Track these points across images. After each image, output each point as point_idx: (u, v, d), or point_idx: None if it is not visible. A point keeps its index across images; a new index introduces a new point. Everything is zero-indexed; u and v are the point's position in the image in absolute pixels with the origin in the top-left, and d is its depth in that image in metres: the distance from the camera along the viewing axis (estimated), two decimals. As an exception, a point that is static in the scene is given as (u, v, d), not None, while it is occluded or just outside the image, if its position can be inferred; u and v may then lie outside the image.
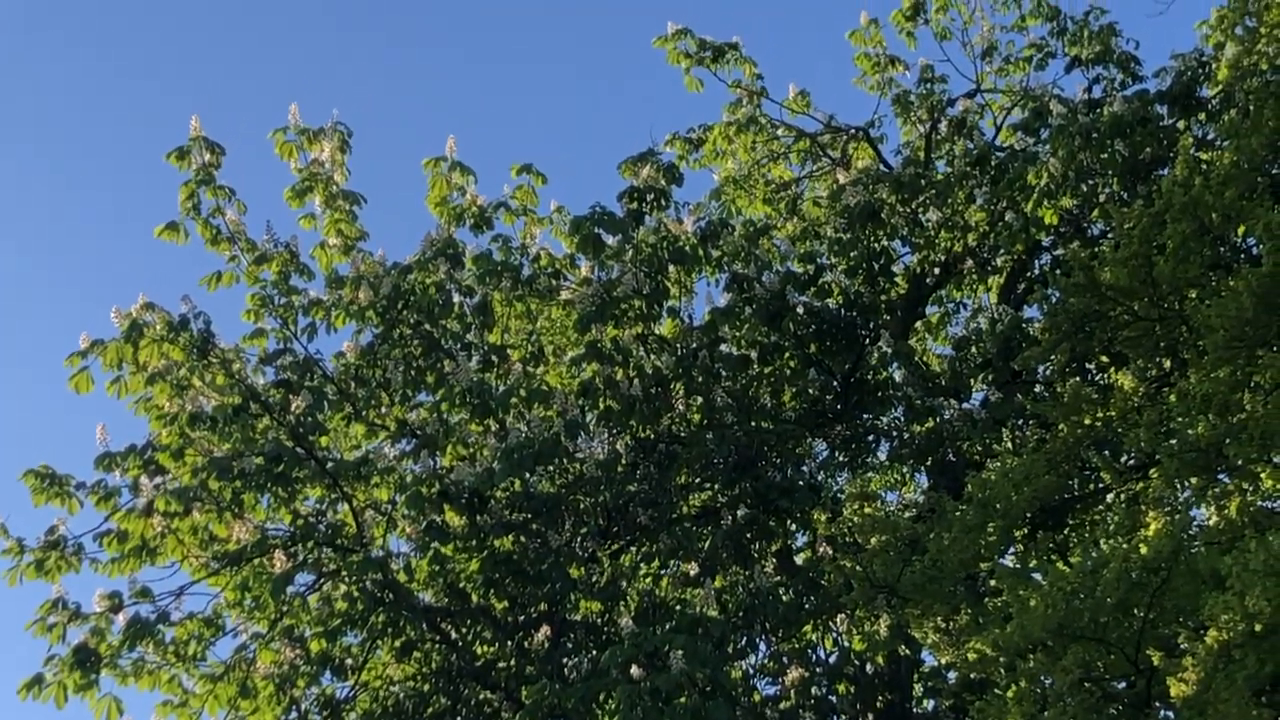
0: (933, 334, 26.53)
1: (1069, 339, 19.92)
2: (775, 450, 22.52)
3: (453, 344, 22.60)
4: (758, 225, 24.91)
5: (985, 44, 26.52)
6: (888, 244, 24.66)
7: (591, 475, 21.74)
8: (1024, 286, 25.16)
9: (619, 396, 21.92)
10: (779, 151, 27.40)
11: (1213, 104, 23.90)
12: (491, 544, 21.21)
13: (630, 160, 23.45)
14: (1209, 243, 19.30)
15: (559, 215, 24.02)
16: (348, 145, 23.07)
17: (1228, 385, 17.04)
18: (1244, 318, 17.00)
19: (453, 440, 21.82)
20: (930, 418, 22.78)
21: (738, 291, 23.24)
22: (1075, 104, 24.31)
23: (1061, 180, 23.18)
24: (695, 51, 25.82)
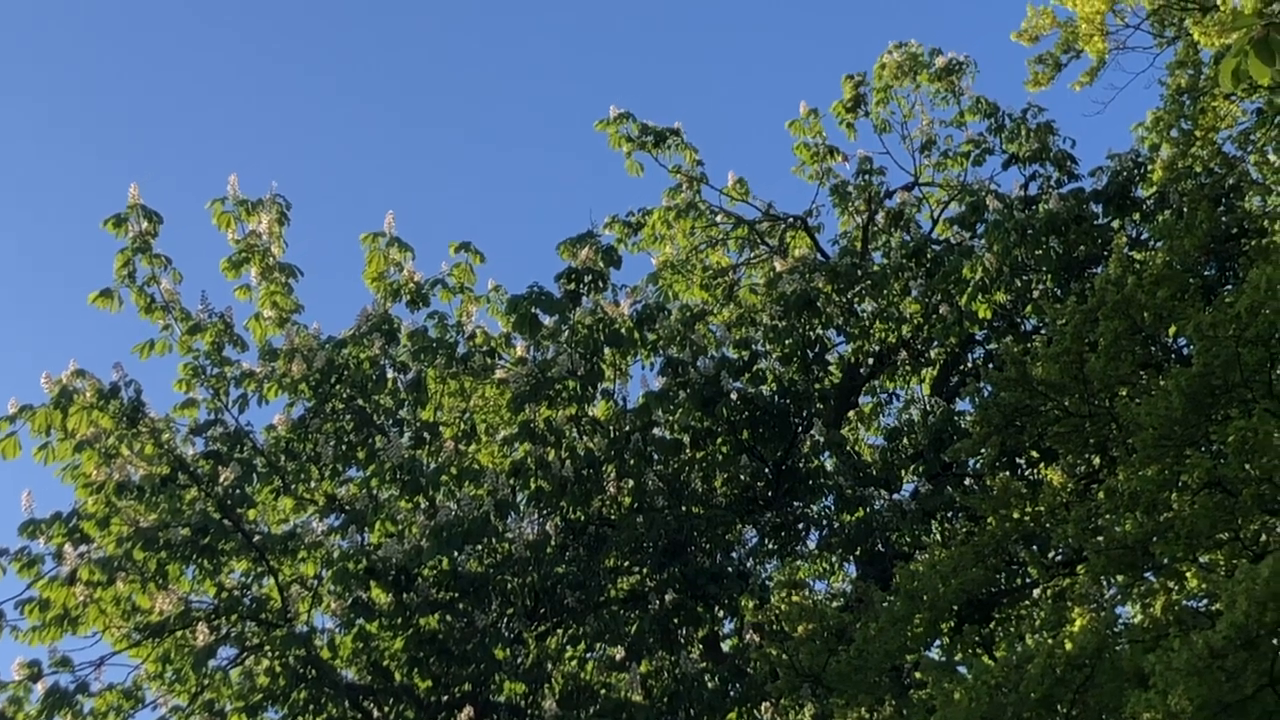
0: (865, 424, 26.62)
1: (1000, 433, 20.02)
2: (705, 536, 22.48)
3: (385, 420, 22.52)
4: (694, 310, 24.95)
5: (924, 138, 26.76)
6: (823, 333, 24.78)
7: (520, 555, 21.62)
8: (956, 379, 25.29)
9: (550, 477, 21.87)
10: (717, 238, 27.52)
11: (1147, 204, 24.19)
12: (417, 622, 21.04)
13: (569, 241, 23.48)
14: (1140, 341, 19.47)
15: (496, 294, 23.98)
16: (286, 217, 23.02)
17: (1155, 484, 17.14)
18: (1173, 417, 17.13)
19: (382, 517, 21.68)
20: (860, 508, 22.83)
21: (672, 376, 23.26)
22: (1011, 200, 24.55)
23: (996, 275, 23.36)
24: (637, 136, 25.98)
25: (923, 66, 26.56)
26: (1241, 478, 16.43)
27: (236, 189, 22.95)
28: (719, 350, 24.10)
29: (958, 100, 26.49)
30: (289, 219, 23.07)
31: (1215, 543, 17.16)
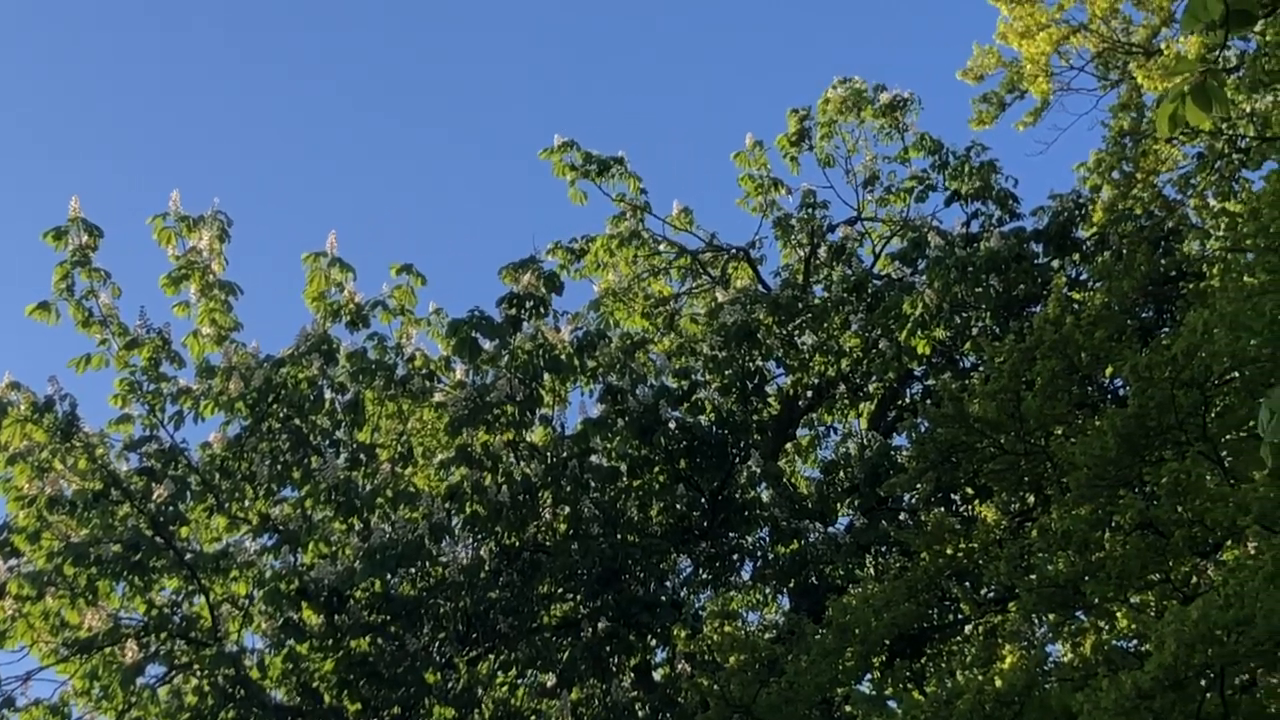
0: (802, 456, 26.67)
1: (935, 469, 20.10)
2: (639, 564, 22.45)
3: (321, 440, 22.42)
4: (635, 339, 24.96)
5: (868, 173, 26.87)
6: (762, 364, 24.81)
7: (454, 580, 21.57)
8: (894, 414, 25.36)
9: (486, 502, 21.81)
10: (660, 267, 27.55)
11: (1087, 245, 24.34)
12: (348, 644, 20.97)
13: (511, 266, 23.43)
14: (1077, 381, 19.58)
15: (437, 317, 23.93)
16: (227, 234, 22.93)
17: (1088, 523, 17.22)
18: (1107, 457, 17.22)
19: (315, 537, 21.59)
20: (795, 540, 22.85)
21: (611, 403, 23.25)
22: (953, 237, 24.66)
23: (936, 311, 23.46)
24: (581, 164, 25.98)
25: (867, 102, 26.69)
26: (1174, 519, 16.52)
27: (178, 205, 22.86)
28: (658, 379, 24.10)
29: (902, 136, 26.64)
30: (230, 236, 22.99)
31: (1146, 584, 17.26)
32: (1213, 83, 4.72)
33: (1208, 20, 4.50)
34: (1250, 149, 21.79)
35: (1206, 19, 4.50)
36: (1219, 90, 4.78)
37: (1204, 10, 4.48)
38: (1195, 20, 4.52)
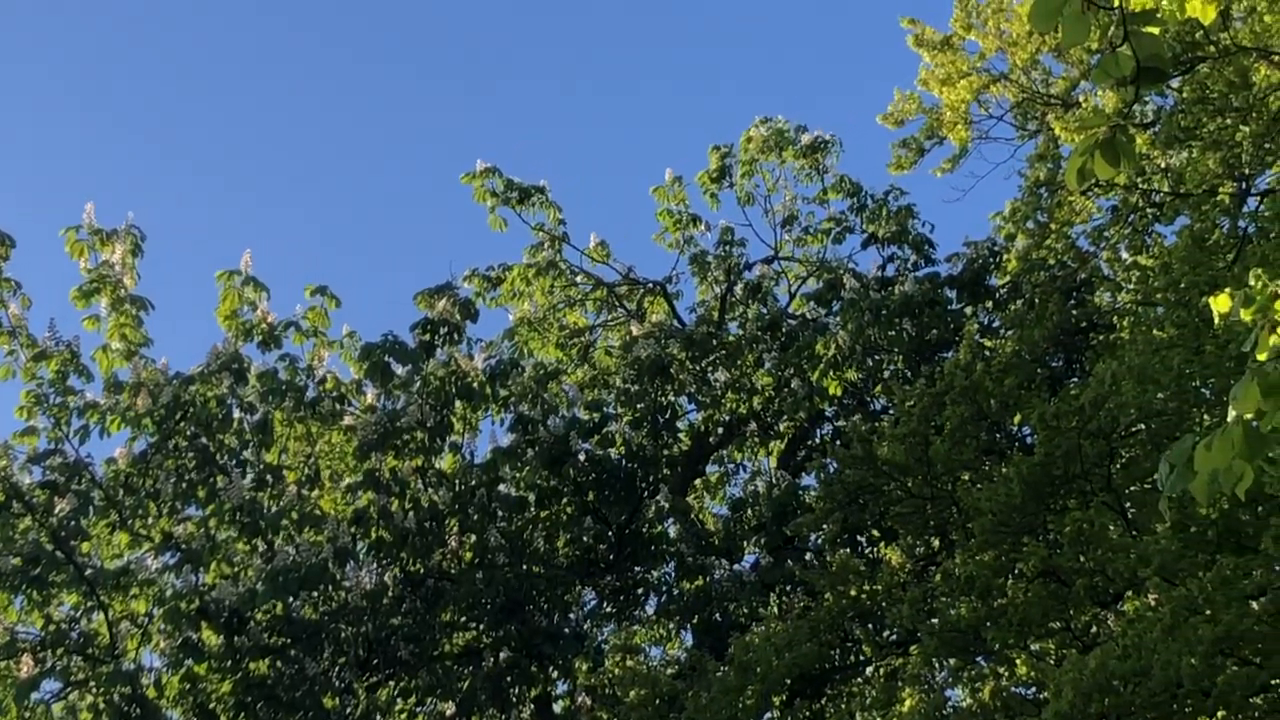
0: (711, 493, 26.67)
1: (842, 510, 20.17)
2: (544, 595, 22.40)
3: (228, 460, 22.25)
4: (548, 369, 24.91)
5: (786, 212, 26.93)
6: (674, 399, 24.83)
7: (356, 605, 21.45)
8: (803, 454, 25.41)
9: (392, 527, 21.73)
10: (576, 298, 27.52)
11: (1000, 293, 24.52)
12: (247, 666, 20.80)
13: (426, 292, 23.38)
14: (985, 428, 19.71)
15: (350, 340, 23.80)
16: (140, 249, 22.73)
17: (991, 569, 17.33)
18: (1012, 504, 17.35)
19: (218, 557, 21.44)
20: (700, 576, 22.87)
21: (522, 433, 23.22)
22: (868, 280, 24.79)
23: (848, 353, 23.56)
24: (502, 191, 25.91)
25: (788, 142, 26.76)
26: (1075, 568, 16.65)
27: (92, 218, 22.66)
28: (570, 410, 24.07)
29: (821, 178, 26.73)
30: (143, 251, 22.79)
31: (1046, 631, 17.37)
32: (1121, 138, 4.77)
33: (1119, 76, 4.55)
34: (1163, 204, 22.02)
35: (1118, 75, 4.55)
36: (1127, 146, 4.83)
37: (1115, 67, 4.53)
38: (1107, 76, 4.57)
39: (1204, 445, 5.91)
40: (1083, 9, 4.48)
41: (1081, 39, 4.63)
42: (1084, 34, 4.54)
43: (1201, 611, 14.44)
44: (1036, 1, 4.60)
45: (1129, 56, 4.52)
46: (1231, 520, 15.82)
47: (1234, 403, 5.78)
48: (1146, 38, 4.53)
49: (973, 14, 24.30)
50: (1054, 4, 4.51)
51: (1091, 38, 4.92)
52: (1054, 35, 18.10)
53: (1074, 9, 4.49)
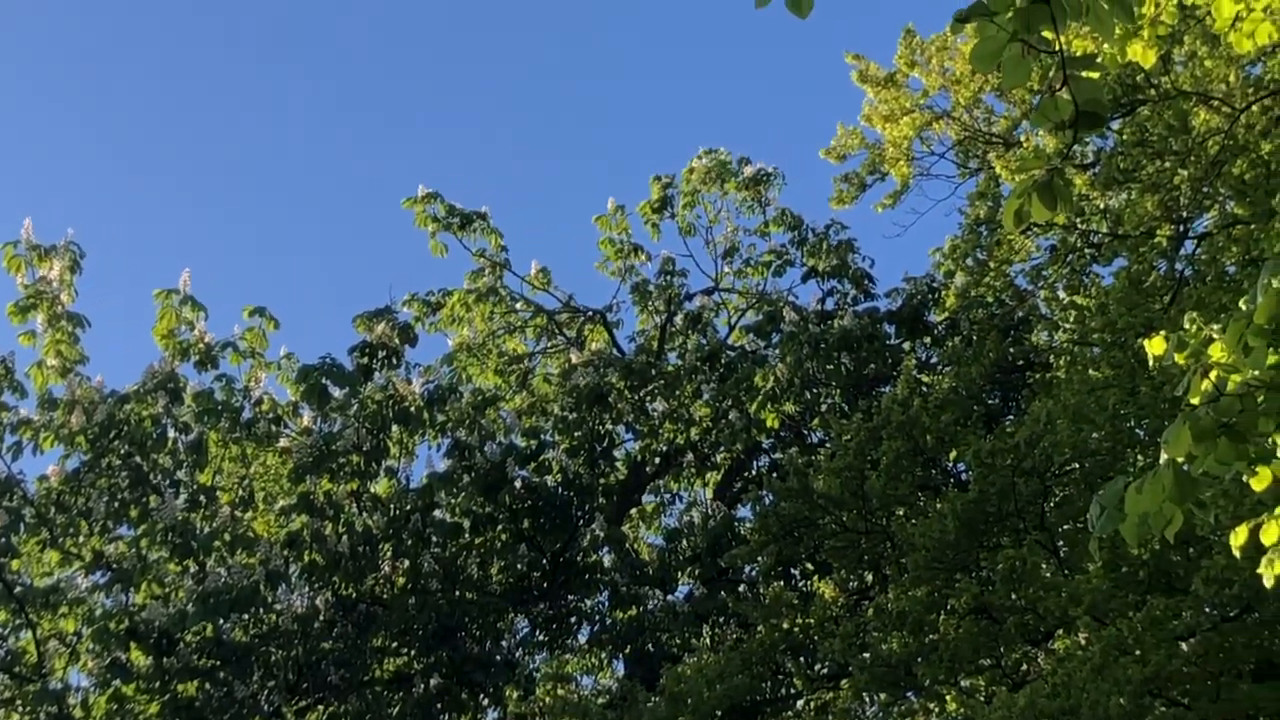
0: (646, 523, 26.65)
1: (777, 542, 20.18)
2: (476, 622, 22.34)
3: (161, 480, 22.14)
4: (486, 395, 24.88)
5: (728, 244, 26.96)
6: (612, 428, 24.83)
7: (287, 628, 21.35)
8: (740, 485, 25.43)
9: (325, 551, 21.65)
10: (516, 325, 27.48)
11: (938, 329, 24.60)
12: (175, 688, 20.66)
13: (365, 315, 23.33)
14: (921, 463, 19.78)
15: (288, 361, 23.71)
16: (79, 266, 22.61)
17: (924, 605, 17.38)
18: (946, 540, 17.41)
19: (149, 577, 21.30)
20: (634, 606, 22.85)
21: (458, 459, 23.16)
22: (808, 313, 24.84)
23: (787, 385, 23.59)
24: (443, 217, 25.87)
25: (731, 174, 26.82)
26: (1007, 606, 16.71)
27: (30, 233, 22.52)
28: (507, 437, 24.04)
29: (763, 210, 26.78)
30: (82, 268, 22.67)
31: (977, 668, 17.43)
32: (1059, 181, 4.80)
33: (1058, 120, 4.58)
34: (1102, 245, 22.15)
35: (1057, 118, 4.58)
36: (1064, 189, 4.87)
37: (1054, 110, 4.56)
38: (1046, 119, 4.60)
39: (1135, 488, 5.95)
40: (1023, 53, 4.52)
41: (1021, 81, 4.66)
42: (1024, 77, 4.57)
43: (1131, 651, 14.52)
44: (977, 44, 4.63)
45: (1068, 101, 4.56)
46: (1162, 561, 15.92)
47: (1165, 446, 5.82)
48: (1085, 82, 4.57)
49: (917, 51, 24.40)
50: (995, 46, 4.54)
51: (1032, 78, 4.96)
52: (996, 76, 18.23)
53: (1014, 52, 4.52)
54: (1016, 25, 4.47)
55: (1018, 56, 4.50)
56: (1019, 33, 4.47)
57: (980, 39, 4.57)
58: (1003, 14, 4.46)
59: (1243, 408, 5.65)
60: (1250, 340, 5.71)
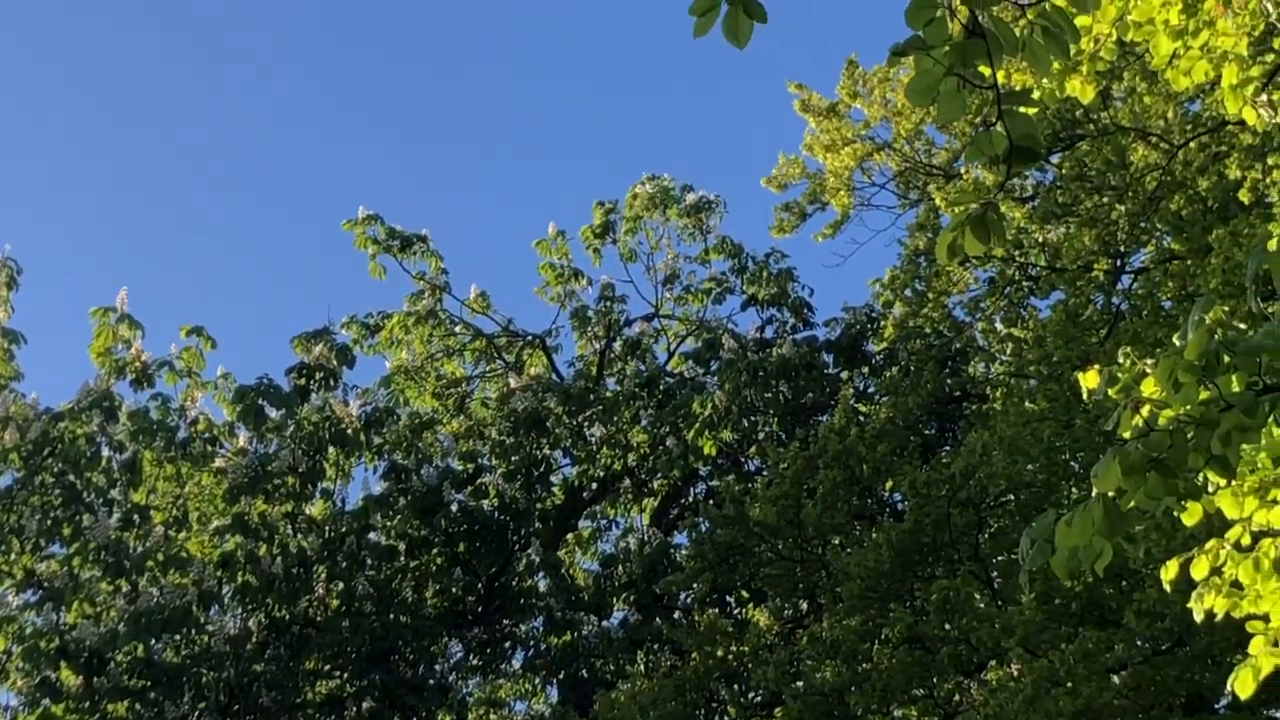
0: (583, 548, 26.59)
1: (713, 570, 20.20)
2: (410, 646, 22.27)
3: (95, 498, 21.98)
4: (423, 418, 24.83)
5: (668, 271, 26.96)
6: (550, 453, 24.80)
7: (219, 649, 21.23)
8: (676, 512, 25.44)
9: (259, 572, 21.54)
10: (454, 348, 27.39)
11: (877, 359, 24.69)
12: (105, 708, 20.51)
13: (303, 336, 23.23)
14: (857, 492, 19.84)
15: (224, 381, 23.54)
16: (15, 282, 22.47)
17: (858, 634, 17.41)
18: (881, 570, 17.46)
19: (81, 596, 21.15)
20: (569, 631, 22.83)
21: (395, 481, 23.12)
22: (747, 341, 24.91)
23: (725, 413, 23.63)
24: (384, 239, 25.76)
25: (673, 201, 26.84)
26: (941, 636, 16.76)
27: (-36, 251, 22.39)
28: (444, 460, 24.00)
29: (704, 237, 26.82)
30: (18, 284, 22.54)
31: (910, 698, 17.46)
32: (992, 215, 4.83)
33: (992, 154, 4.60)
34: (1040, 278, 22.27)
35: (991, 152, 4.60)
36: (998, 223, 4.90)
37: (989, 145, 4.59)
38: (980, 153, 4.63)
39: (1064, 521, 5.98)
40: (959, 87, 4.54)
41: (956, 116, 4.69)
42: (959, 111, 4.60)
43: (1063, 683, 14.57)
44: (913, 77, 4.65)
45: (1002, 135, 4.58)
46: (1095, 594, 16.00)
47: (1095, 480, 5.85)
48: (1020, 117, 4.60)
49: (859, 82, 24.47)
50: (930, 80, 4.57)
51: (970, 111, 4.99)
52: (934, 108, 18.31)
53: (950, 86, 4.55)
54: (952, 59, 4.49)
55: (953, 90, 4.52)
56: (955, 67, 4.49)
57: (916, 72, 4.60)
58: (939, 48, 4.48)
59: (1172, 443, 5.69)
60: (1181, 376, 5.75)
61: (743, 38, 4.73)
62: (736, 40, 4.74)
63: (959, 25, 4.51)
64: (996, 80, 4.60)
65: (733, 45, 4.75)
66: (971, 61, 4.53)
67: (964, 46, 4.52)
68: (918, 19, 4.52)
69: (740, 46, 4.78)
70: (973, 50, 4.51)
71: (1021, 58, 4.79)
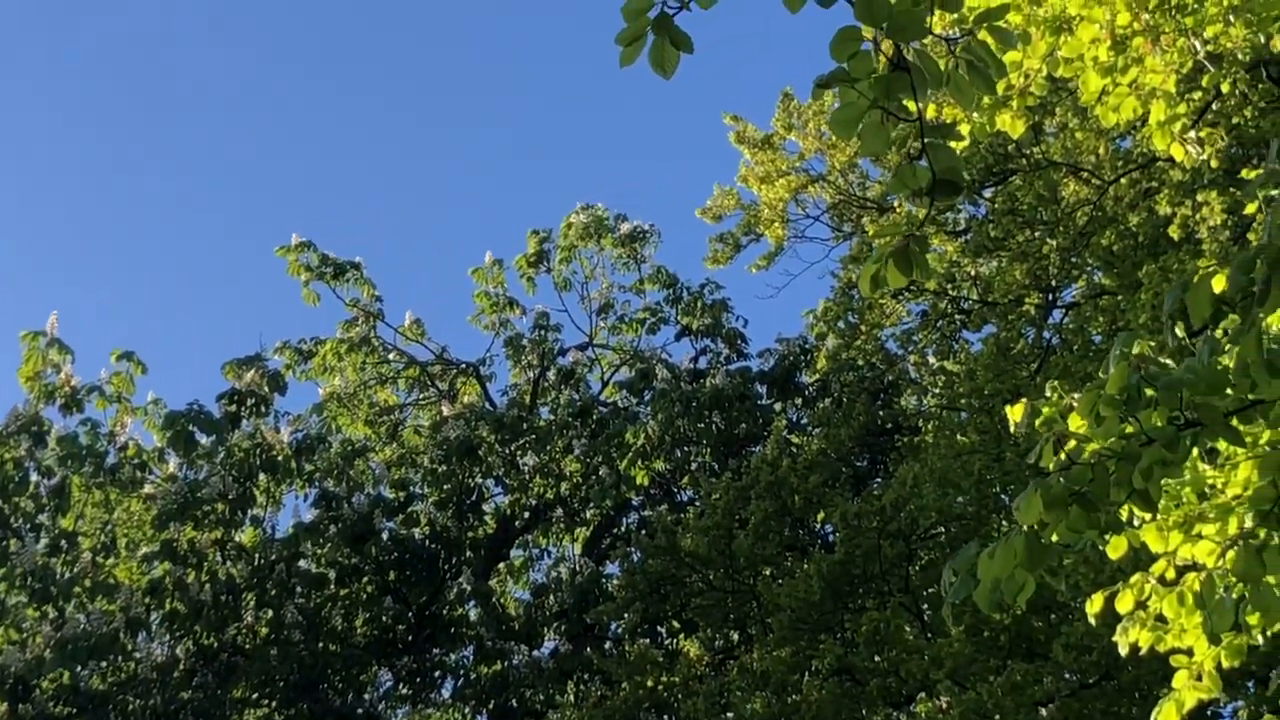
0: (514, 577, 26.52)
1: (644, 600, 20.18)
2: (339, 674, 22.16)
3: (22, 523, 21.79)
4: (355, 445, 24.74)
5: (602, 300, 26.96)
6: (482, 482, 24.76)
7: (146, 676, 21.10)
8: (608, 542, 25.39)
9: (187, 600, 21.42)
10: (388, 375, 27.32)
11: (809, 391, 24.75)
12: (30, 736, 20.32)
13: (235, 362, 23.15)
14: (789, 524, 19.86)
15: (154, 407, 23.43)
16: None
17: (788, 665, 17.42)
18: (811, 601, 17.48)
19: (6, 622, 20.99)
20: (499, 661, 22.78)
21: (325, 509, 23.03)
22: (680, 371, 24.94)
23: (658, 443, 23.65)
24: (317, 266, 25.68)
25: (608, 230, 26.86)
26: (870, 668, 16.79)
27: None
28: (375, 488, 23.93)
29: (639, 267, 26.85)
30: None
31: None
32: (915, 248, 4.84)
33: (915, 187, 4.62)
34: (971, 311, 22.38)
35: (914, 186, 4.62)
36: (920, 255, 4.91)
37: (912, 178, 4.60)
38: (904, 186, 4.64)
39: (987, 554, 5.99)
40: (882, 119, 4.55)
41: (880, 149, 4.70)
42: (883, 144, 4.61)
43: (991, 716, 14.62)
44: (837, 109, 4.66)
45: (925, 169, 4.60)
46: (1024, 626, 16.06)
47: (1018, 512, 5.87)
48: (944, 150, 4.61)
49: (794, 115, 24.56)
50: (854, 113, 4.57)
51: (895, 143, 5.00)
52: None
53: (874, 119, 4.56)
54: (876, 92, 4.51)
55: (877, 123, 4.53)
56: (879, 99, 4.51)
57: (841, 104, 4.61)
58: (863, 80, 4.50)
59: (1094, 477, 5.71)
60: (1103, 410, 5.78)
61: (669, 68, 4.72)
62: (663, 70, 4.74)
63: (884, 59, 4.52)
64: (920, 114, 4.61)
65: (659, 76, 4.75)
66: (895, 95, 4.54)
67: (888, 80, 4.53)
68: (842, 51, 4.53)
69: (666, 77, 4.77)
70: (897, 83, 4.52)
71: (946, 92, 4.80)
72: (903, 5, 4.53)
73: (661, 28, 4.67)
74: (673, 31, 4.66)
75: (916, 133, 4.70)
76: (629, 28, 4.70)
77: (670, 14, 4.65)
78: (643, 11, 4.67)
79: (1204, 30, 9.54)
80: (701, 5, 4.66)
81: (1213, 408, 5.76)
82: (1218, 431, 5.81)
